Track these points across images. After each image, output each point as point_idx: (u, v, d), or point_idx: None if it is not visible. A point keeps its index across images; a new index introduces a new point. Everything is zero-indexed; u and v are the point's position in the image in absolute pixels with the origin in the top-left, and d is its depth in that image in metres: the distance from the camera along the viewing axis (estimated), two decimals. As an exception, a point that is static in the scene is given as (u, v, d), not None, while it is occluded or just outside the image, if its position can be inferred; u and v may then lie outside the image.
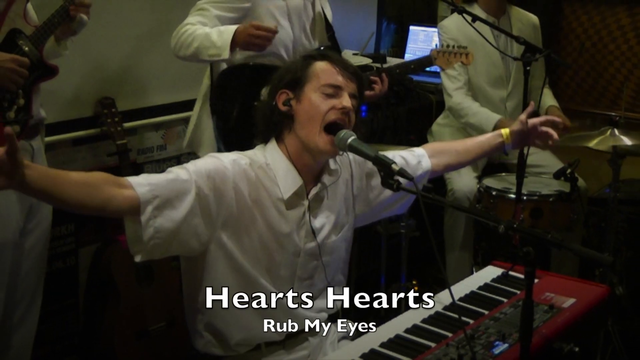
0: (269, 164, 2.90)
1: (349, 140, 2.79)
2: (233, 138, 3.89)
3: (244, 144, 3.84)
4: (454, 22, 5.19)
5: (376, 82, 4.15)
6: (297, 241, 2.93)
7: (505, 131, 3.32)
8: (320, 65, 2.91)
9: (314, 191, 2.97)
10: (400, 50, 6.48)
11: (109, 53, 4.59)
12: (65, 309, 4.59)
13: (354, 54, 5.79)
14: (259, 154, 2.94)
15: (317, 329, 3.03)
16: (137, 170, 4.77)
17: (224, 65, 3.97)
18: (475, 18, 4.10)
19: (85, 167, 4.55)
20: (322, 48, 4.07)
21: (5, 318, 3.86)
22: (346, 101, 2.86)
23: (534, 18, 5.37)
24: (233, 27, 3.83)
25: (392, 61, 5.80)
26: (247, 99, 3.88)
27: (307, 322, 2.98)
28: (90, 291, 4.65)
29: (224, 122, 3.90)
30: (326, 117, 2.84)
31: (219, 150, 3.93)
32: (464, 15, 4.05)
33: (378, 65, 5.56)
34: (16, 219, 3.69)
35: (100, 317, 4.48)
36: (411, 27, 6.45)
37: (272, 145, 2.95)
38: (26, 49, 3.53)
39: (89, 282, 4.65)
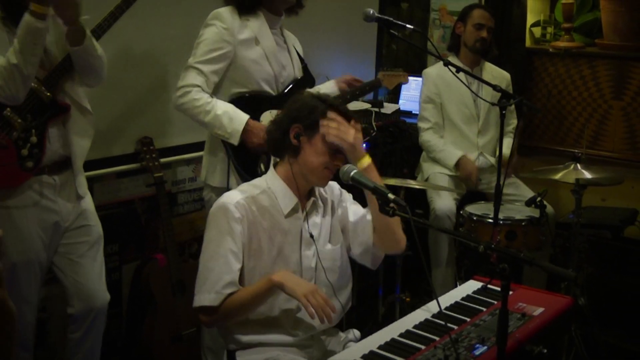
0: (270, 187, 3.00)
1: (352, 173, 2.84)
2: (244, 160, 3.90)
3: (252, 164, 3.87)
4: (435, 70, 5.45)
5: None
6: (299, 246, 3.00)
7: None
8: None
9: (307, 206, 3.05)
10: (395, 97, 6.48)
11: (148, 99, 4.62)
12: (110, 317, 4.57)
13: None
14: (261, 180, 3.05)
15: (325, 329, 3.04)
16: (171, 198, 4.79)
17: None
18: (458, 69, 4.11)
19: (127, 196, 4.58)
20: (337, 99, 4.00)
21: (79, 327, 3.88)
22: (339, 165, 2.95)
23: (506, 74, 5.46)
24: (244, 118, 3.83)
25: (388, 106, 5.81)
26: None
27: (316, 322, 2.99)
28: (132, 302, 4.65)
29: (236, 149, 3.90)
30: (324, 165, 2.95)
31: (227, 176, 3.94)
32: (449, 67, 4.06)
33: (376, 109, 5.58)
34: (39, 238, 3.62)
35: (141, 324, 4.47)
36: (404, 77, 6.46)
37: (271, 171, 3.05)
38: (36, 87, 3.47)
39: (130, 294, 4.65)
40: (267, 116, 3.88)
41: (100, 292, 3.89)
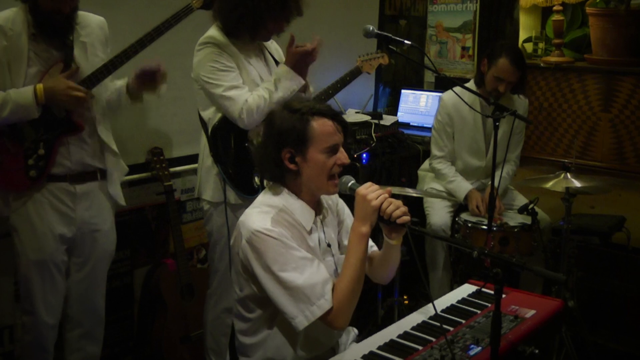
0: (286, 205, 2.80)
1: (349, 184, 2.82)
2: (236, 176, 3.89)
3: (245, 179, 3.86)
4: (451, 99, 5.02)
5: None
6: (320, 257, 2.86)
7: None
8: (319, 125, 2.76)
9: (320, 217, 2.93)
10: (393, 109, 6.50)
11: (159, 112, 4.64)
12: (122, 318, 4.60)
13: (356, 112, 5.80)
14: (275, 200, 2.83)
15: (341, 345, 3.01)
16: (180, 206, 4.81)
17: (214, 121, 3.90)
18: (455, 83, 4.09)
19: (139, 204, 4.61)
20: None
21: (76, 326, 3.90)
22: (344, 157, 2.80)
23: (524, 100, 5.29)
24: (280, 66, 3.87)
25: (387, 118, 5.82)
26: (240, 142, 3.88)
27: (334, 338, 2.95)
28: (143, 304, 4.67)
29: (227, 166, 3.88)
30: (331, 171, 2.80)
31: (224, 190, 3.90)
32: (445, 80, 4.06)
33: (376, 121, 5.59)
34: (54, 240, 3.65)
35: (151, 326, 4.49)
36: (402, 91, 6.46)
37: (284, 191, 2.85)
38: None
39: (142, 297, 4.67)
40: (254, 129, 3.88)
41: (97, 304, 3.95)
